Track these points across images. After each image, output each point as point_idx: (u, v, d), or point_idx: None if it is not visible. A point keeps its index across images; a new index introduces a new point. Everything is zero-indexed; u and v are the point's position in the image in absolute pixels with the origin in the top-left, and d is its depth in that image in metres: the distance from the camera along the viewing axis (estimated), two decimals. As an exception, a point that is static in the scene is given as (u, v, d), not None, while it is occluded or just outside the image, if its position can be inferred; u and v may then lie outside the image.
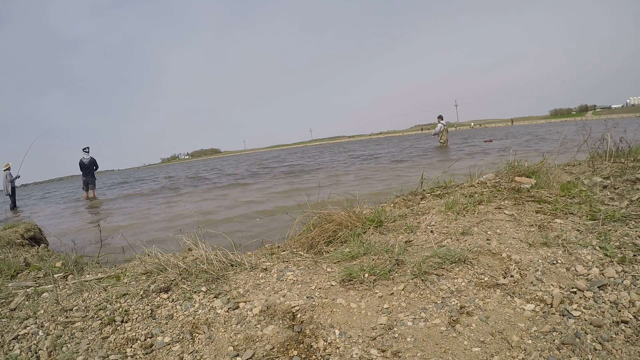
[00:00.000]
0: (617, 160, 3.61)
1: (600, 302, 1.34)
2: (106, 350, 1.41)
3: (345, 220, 2.42)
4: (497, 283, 1.56)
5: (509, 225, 2.11)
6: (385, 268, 1.77)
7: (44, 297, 1.88)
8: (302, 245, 2.39)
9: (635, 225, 1.87)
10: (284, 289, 1.79)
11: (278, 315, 1.57)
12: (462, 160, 7.25)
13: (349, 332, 1.41)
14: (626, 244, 1.68)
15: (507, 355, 1.19)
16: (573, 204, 2.33)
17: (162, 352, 1.39)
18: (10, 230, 3.57)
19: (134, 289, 1.86)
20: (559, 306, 1.35)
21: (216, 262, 2.05)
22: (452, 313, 1.41)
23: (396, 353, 1.27)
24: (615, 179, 2.83)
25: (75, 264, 2.41)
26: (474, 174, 3.43)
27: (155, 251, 2.21)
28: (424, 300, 1.54)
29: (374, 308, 1.54)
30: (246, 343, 1.40)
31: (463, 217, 2.36)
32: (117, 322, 1.58)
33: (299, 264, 2.08)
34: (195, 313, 1.64)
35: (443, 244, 2.00)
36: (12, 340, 1.49)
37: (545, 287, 1.48)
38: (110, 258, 2.86)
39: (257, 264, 2.13)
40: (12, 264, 2.40)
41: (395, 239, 2.16)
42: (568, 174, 3.21)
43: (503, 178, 3.16)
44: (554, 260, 1.65)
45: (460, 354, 1.22)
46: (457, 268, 1.70)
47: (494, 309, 1.41)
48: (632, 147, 3.94)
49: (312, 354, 1.33)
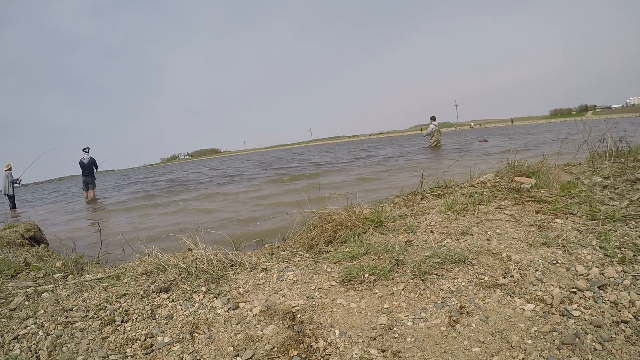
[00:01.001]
0: (617, 160, 3.61)
1: (600, 302, 1.34)
2: (106, 350, 1.41)
3: (345, 220, 2.42)
4: (497, 283, 1.56)
5: (509, 225, 2.11)
6: (385, 268, 1.77)
7: (44, 297, 1.88)
8: (302, 245, 2.39)
9: (635, 225, 1.87)
10: (284, 289, 1.79)
11: (278, 315, 1.57)
12: (456, 161, 7.09)
13: (349, 332, 1.41)
14: (626, 244, 1.68)
15: (507, 355, 1.19)
16: (573, 204, 2.33)
17: (162, 352, 1.39)
18: (10, 230, 3.57)
19: (134, 289, 1.86)
20: (559, 306, 1.36)
21: (216, 262, 2.05)
22: (452, 313, 1.41)
23: (396, 353, 1.27)
24: (615, 179, 2.83)
25: (75, 264, 2.41)
26: (473, 174, 3.43)
27: (155, 251, 2.22)
28: (424, 300, 1.54)
29: (374, 308, 1.54)
30: (246, 343, 1.40)
31: (463, 217, 2.36)
32: (117, 322, 1.58)
33: (299, 264, 2.08)
34: (195, 313, 1.64)
35: (443, 244, 2.00)
36: (12, 340, 1.49)
37: (545, 287, 1.48)
38: (110, 258, 2.86)
39: (257, 264, 2.13)
40: (12, 264, 2.40)
41: (395, 239, 2.16)
42: (568, 174, 3.21)
43: (503, 178, 3.16)
44: (554, 260, 1.65)
45: (460, 354, 1.22)
46: (457, 268, 1.70)
47: (494, 309, 1.41)
48: (632, 147, 3.94)
49: (312, 354, 1.33)
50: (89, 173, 10.68)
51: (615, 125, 4.19)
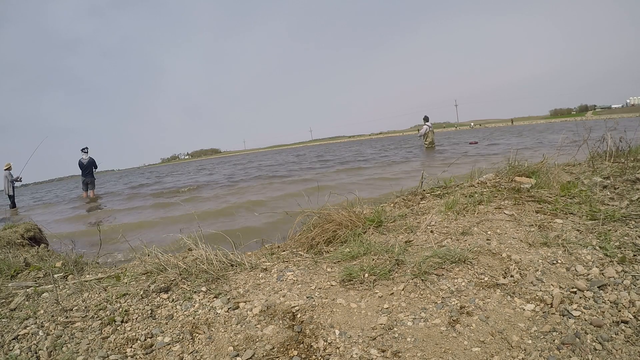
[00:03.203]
0: (617, 160, 3.61)
1: (600, 302, 1.34)
2: (106, 350, 1.41)
3: (345, 220, 2.42)
4: (497, 283, 1.56)
5: (509, 225, 2.11)
6: (385, 268, 1.77)
7: (44, 297, 1.88)
8: (302, 245, 2.39)
9: (635, 225, 1.87)
10: (284, 289, 1.79)
11: (278, 315, 1.57)
12: (450, 163, 6.96)
13: (349, 332, 1.41)
14: (626, 244, 1.68)
15: (507, 355, 1.19)
16: (573, 204, 2.33)
17: (162, 352, 1.39)
18: (10, 230, 3.56)
19: (134, 289, 1.86)
20: (559, 306, 1.35)
21: (216, 262, 2.05)
22: (452, 313, 1.41)
23: (396, 353, 1.27)
24: (615, 179, 2.83)
25: (75, 264, 2.41)
26: (474, 174, 3.43)
27: (155, 251, 2.21)
28: (424, 300, 1.53)
29: (374, 308, 1.54)
30: (246, 343, 1.40)
31: (463, 217, 2.36)
32: (117, 322, 1.58)
33: (299, 264, 2.08)
34: (195, 313, 1.64)
35: (443, 244, 2.00)
36: (12, 340, 1.49)
37: (545, 287, 1.48)
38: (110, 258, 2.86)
39: (257, 264, 2.13)
40: (12, 264, 2.40)
41: (395, 239, 2.16)
42: (568, 173, 3.21)
43: (503, 178, 3.16)
44: (554, 260, 1.65)
45: (460, 354, 1.22)
46: (457, 268, 1.70)
47: (494, 309, 1.41)
48: (632, 147, 3.94)
49: (312, 354, 1.33)
50: (88, 173, 10.67)
51: (616, 126, 4.19)
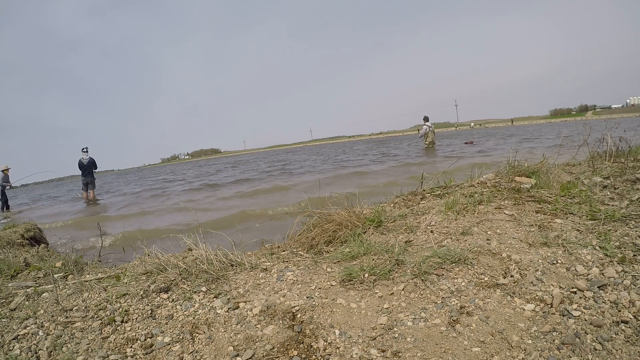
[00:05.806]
0: (617, 160, 3.61)
1: (600, 302, 1.34)
2: (106, 350, 1.41)
3: (345, 220, 2.42)
4: (497, 283, 1.56)
5: (509, 225, 2.11)
6: (385, 268, 1.77)
7: (44, 297, 1.88)
8: (302, 245, 2.39)
9: (635, 225, 1.87)
10: (284, 289, 1.79)
11: (278, 315, 1.57)
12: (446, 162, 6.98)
13: (349, 332, 1.41)
14: (626, 244, 1.68)
15: (507, 355, 1.19)
16: (573, 204, 2.33)
17: (162, 352, 1.39)
18: (10, 230, 3.57)
19: (134, 289, 1.86)
20: (559, 306, 1.35)
21: (216, 262, 2.05)
22: (452, 313, 1.41)
23: (396, 353, 1.27)
24: (615, 179, 2.83)
25: (75, 264, 2.41)
26: (473, 174, 3.43)
27: (155, 251, 2.21)
28: (424, 300, 1.53)
29: (374, 308, 1.54)
30: (246, 343, 1.40)
31: (463, 217, 2.36)
32: (117, 322, 1.58)
33: (299, 264, 2.08)
34: (195, 313, 1.64)
35: (443, 244, 2.00)
36: (12, 340, 1.49)
37: (545, 287, 1.48)
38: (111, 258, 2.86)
39: (257, 264, 2.13)
40: (12, 264, 2.40)
41: (395, 239, 2.16)
42: (568, 173, 3.21)
43: (503, 178, 3.16)
44: (554, 260, 1.65)
45: (460, 354, 1.22)
46: (457, 268, 1.70)
47: (494, 309, 1.41)
48: (632, 147, 3.94)
49: (312, 354, 1.33)
50: (88, 173, 10.67)
51: (617, 126, 4.19)
